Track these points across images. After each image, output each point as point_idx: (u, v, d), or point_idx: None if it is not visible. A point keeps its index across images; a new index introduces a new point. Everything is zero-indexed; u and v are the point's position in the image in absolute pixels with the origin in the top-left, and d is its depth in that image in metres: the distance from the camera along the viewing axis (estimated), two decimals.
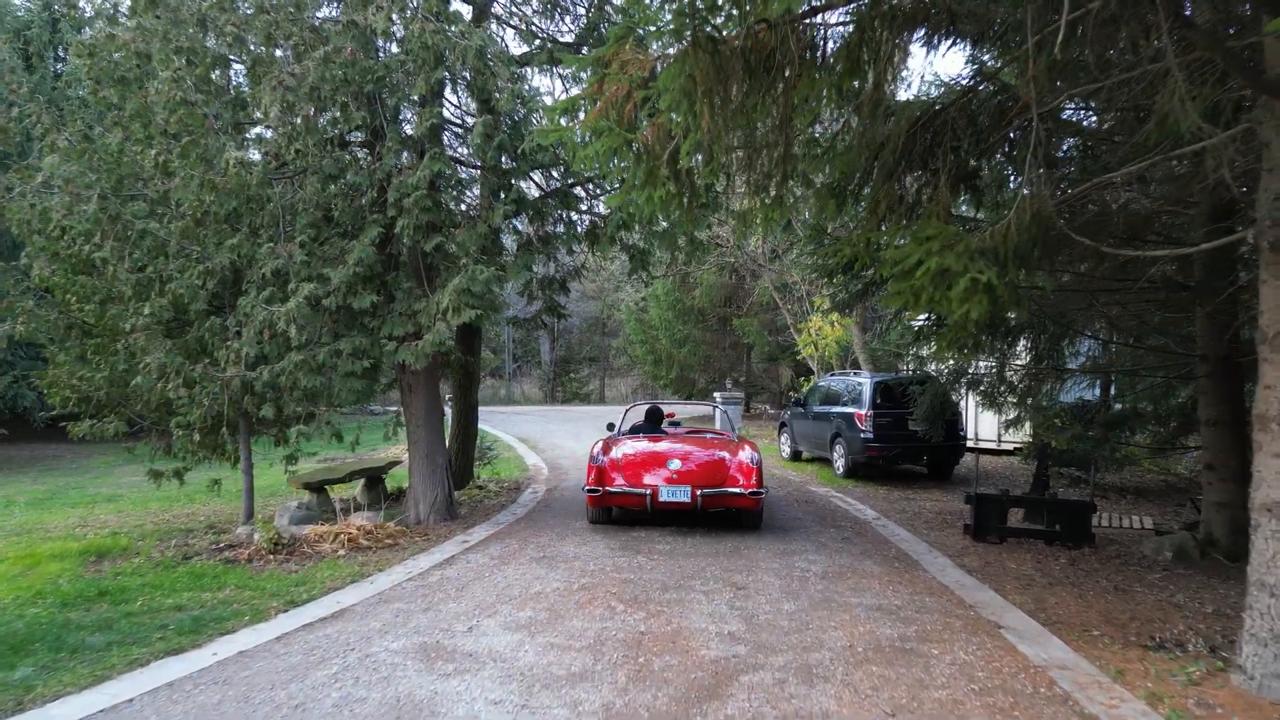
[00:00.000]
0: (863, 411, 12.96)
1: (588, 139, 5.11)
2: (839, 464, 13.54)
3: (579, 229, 9.54)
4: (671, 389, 27.03)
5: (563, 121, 5.49)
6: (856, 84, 4.93)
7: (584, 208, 9.38)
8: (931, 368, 12.51)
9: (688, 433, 10.62)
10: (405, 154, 8.07)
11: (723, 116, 4.51)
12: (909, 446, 12.89)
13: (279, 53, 7.67)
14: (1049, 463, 10.84)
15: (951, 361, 11.38)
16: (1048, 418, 11.90)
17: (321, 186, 7.78)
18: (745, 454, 8.78)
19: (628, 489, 8.44)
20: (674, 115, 4.62)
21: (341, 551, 7.72)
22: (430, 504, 9.12)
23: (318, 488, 10.89)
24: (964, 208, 7.61)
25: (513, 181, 8.12)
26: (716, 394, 21.51)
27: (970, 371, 10.33)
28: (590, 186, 9.52)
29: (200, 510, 11.49)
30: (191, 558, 7.59)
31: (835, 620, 5.63)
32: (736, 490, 8.38)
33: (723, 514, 9.12)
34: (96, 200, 7.40)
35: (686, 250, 9.35)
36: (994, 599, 6.29)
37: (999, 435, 16.02)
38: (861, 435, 12.86)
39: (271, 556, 7.51)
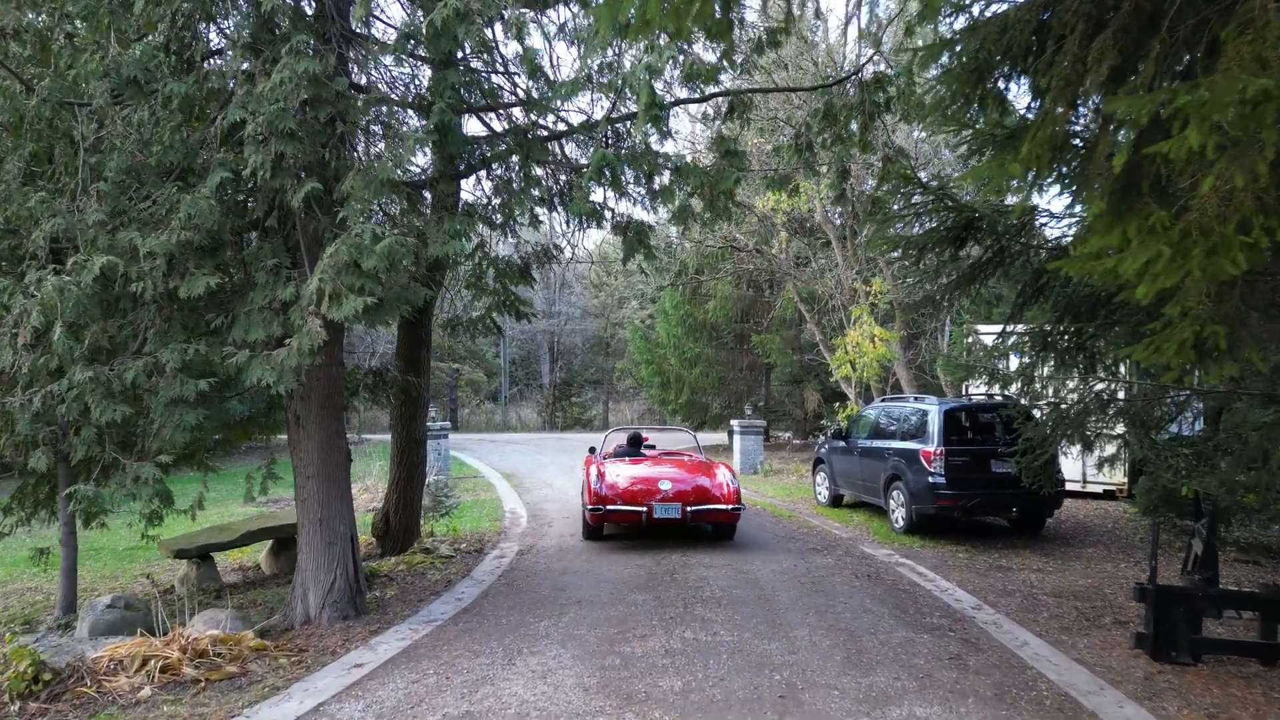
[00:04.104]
0: (930, 448, 9.92)
1: None
2: (897, 515, 10.48)
3: (547, 184, 6.61)
4: (681, 415, 23.95)
5: None
6: None
7: (554, 156, 6.45)
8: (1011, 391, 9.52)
9: (662, 454, 11.22)
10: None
11: None
12: (993, 494, 9.83)
13: None
14: (1218, 527, 7.77)
15: (1040, 383, 8.38)
16: (1188, 458, 8.87)
17: (120, 99, 4.89)
18: (723, 475, 9.71)
19: (625, 507, 9.07)
20: None
21: (146, 690, 4.73)
22: (324, 594, 6.12)
23: (199, 556, 7.97)
24: None
25: (433, 102, 5.18)
26: (734, 422, 18.47)
27: (1122, 398, 7.30)
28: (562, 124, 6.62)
29: (44, 586, 8.53)
30: None
31: None
32: (720, 507, 9.24)
33: (752, 595, 6.17)
34: None
35: (704, 217, 6.38)
36: None
37: (1084, 475, 12.99)
38: (929, 479, 9.81)
39: (19, 705, 4.53)
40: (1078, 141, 3.60)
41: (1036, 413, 8.59)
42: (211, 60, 5.86)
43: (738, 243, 19.02)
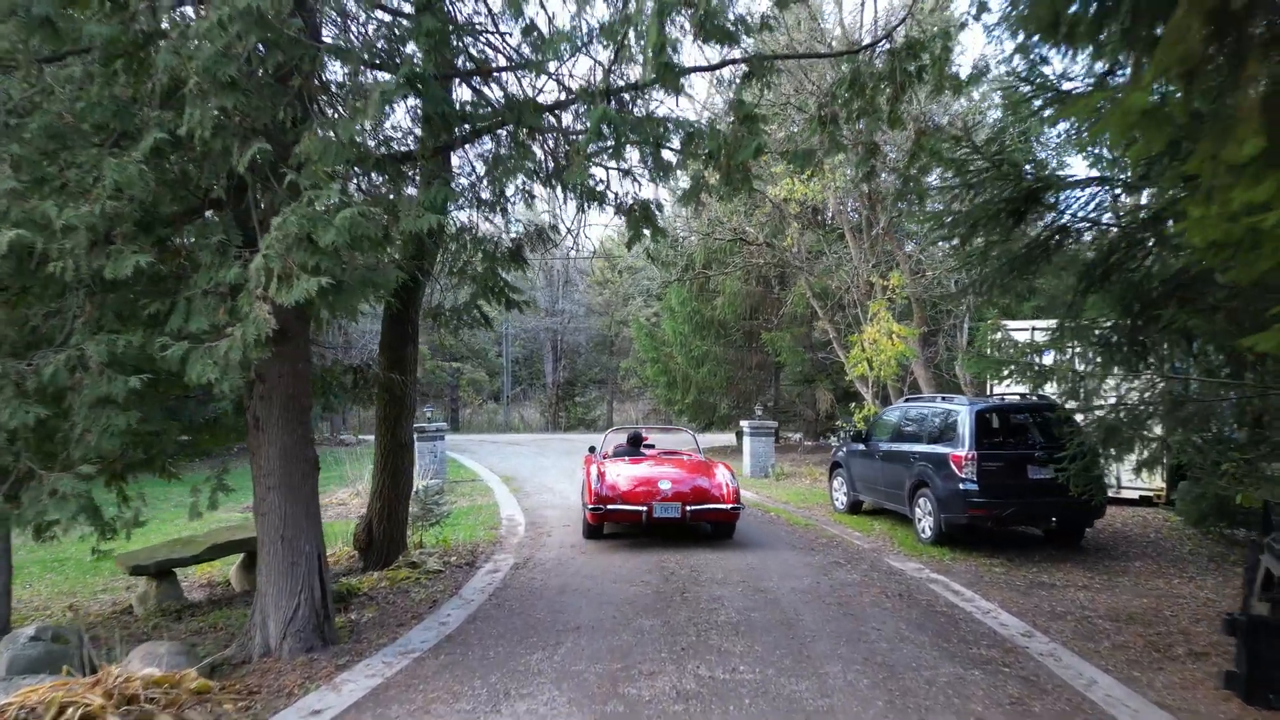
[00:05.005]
0: (961, 453, 9.12)
1: None
2: (924, 525, 9.68)
3: (544, 162, 5.84)
4: (688, 415, 23.13)
5: None
6: None
7: (550, 124, 5.67)
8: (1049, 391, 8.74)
9: (662, 453, 11.14)
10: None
11: None
12: (1030, 502, 9.03)
13: None
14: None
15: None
16: (1240, 463, 8.07)
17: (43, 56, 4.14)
18: (722, 475, 9.68)
19: (626, 506, 9.09)
20: None
21: None
22: (285, 622, 5.35)
23: (160, 572, 7.24)
24: None
25: (402, 50, 4.42)
26: (744, 423, 17.69)
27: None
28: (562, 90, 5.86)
29: None
30: None
31: None
32: (719, 506, 9.23)
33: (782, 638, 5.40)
34: None
35: (719, 191, 5.59)
36: None
37: (1119, 480, 12.16)
38: (960, 487, 9.02)
39: None
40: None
41: (1081, 416, 7.83)
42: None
43: (747, 236, 18.23)
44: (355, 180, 5.57)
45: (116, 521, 6.07)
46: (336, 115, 4.86)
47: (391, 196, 4.82)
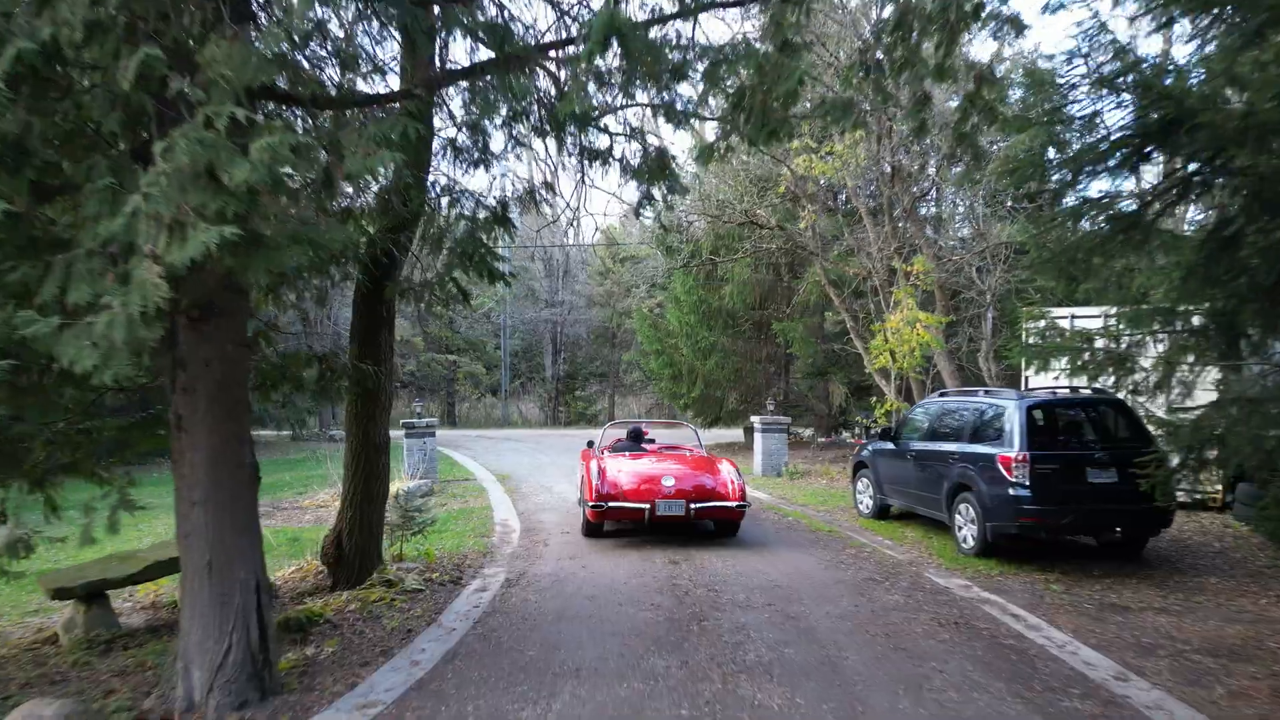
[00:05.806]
0: (1011, 453, 8.05)
1: None
2: (966, 533, 8.62)
3: (538, 116, 4.77)
4: (694, 410, 22.06)
5: None
6: None
7: (544, 57, 4.58)
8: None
9: (664, 448, 10.85)
10: None
11: None
12: (1091, 510, 7.95)
13: None
14: None
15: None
16: None
17: None
18: (726, 471, 9.28)
19: (628, 504, 8.74)
20: None
21: None
22: (212, 670, 4.30)
23: (90, 594, 6.21)
24: None
25: None
26: (755, 418, 16.61)
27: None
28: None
29: None
30: None
31: None
32: (725, 504, 8.86)
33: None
34: None
35: (755, 135, 4.51)
36: None
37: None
38: (1010, 492, 7.96)
39: None
40: None
41: (1158, 411, 6.76)
42: None
43: (758, 219, 17.15)
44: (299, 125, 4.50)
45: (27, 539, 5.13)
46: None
47: (334, 130, 3.74)
